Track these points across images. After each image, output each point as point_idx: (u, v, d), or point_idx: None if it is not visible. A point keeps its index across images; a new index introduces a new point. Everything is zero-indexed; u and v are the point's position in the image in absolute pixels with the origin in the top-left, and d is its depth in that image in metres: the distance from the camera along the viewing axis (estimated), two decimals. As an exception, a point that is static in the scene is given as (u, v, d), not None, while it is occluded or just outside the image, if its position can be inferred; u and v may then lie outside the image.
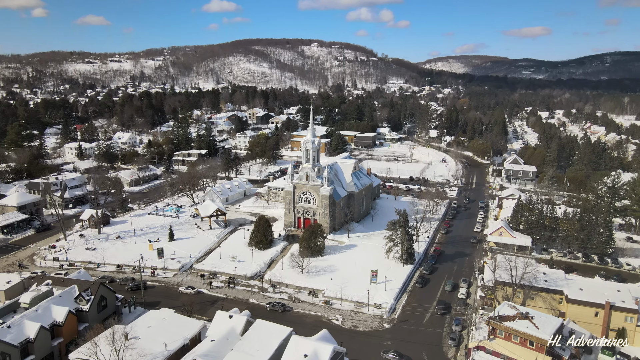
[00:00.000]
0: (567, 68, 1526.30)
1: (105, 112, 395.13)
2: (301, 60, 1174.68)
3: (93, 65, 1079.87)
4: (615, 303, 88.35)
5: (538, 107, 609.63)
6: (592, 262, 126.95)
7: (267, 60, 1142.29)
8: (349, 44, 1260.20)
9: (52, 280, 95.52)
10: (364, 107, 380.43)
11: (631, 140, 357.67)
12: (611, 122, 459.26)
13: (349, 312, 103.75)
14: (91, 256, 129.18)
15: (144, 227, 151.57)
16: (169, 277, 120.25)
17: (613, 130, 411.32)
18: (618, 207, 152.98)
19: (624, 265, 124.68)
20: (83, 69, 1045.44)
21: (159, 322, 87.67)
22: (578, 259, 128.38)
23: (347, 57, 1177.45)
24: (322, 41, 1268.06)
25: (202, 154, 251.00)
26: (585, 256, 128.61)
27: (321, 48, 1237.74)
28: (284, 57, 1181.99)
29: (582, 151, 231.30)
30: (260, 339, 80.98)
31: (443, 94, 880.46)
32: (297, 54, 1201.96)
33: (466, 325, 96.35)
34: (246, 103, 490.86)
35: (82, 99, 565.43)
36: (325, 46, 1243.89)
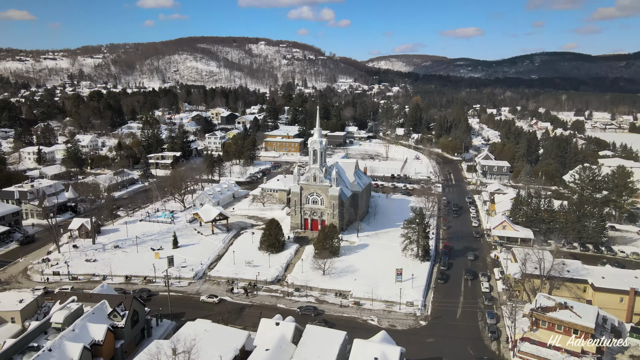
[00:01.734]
0: (501, 67, 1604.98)
1: (56, 113, 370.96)
2: (249, 58, 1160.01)
3: (25, 63, 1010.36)
4: (639, 289, 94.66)
5: (485, 104, 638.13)
6: (588, 251, 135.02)
7: (215, 58, 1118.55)
8: (296, 43, 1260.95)
9: (77, 297, 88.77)
10: (330, 106, 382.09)
11: (577, 135, 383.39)
12: (555, 119, 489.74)
13: (381, 311, 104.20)
14: (93, 268, 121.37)
15: (141, 234, 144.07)
16: (185, 286, 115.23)
17: (558, 126, 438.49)
18: (598, 198, 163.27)
19: (618, 252, 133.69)
20: (14, 67, 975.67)
21: (202, 334, 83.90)
22: (575, 249, 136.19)
23: (295, 55, 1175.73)
24: (269, 40, 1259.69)
25: (176, 156, 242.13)
26: (582, 246, 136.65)
27: (269, 47, 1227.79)
28: (232, 55, 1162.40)
29: (549, 146, 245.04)
30: (319, 345, 79.69)
31: (392, 92, 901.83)
32: (244, 53, 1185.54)
33: (500, 318, 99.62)
34: (204, 103, 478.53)
35: (17, 98, 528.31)
36: (273, 45, 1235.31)
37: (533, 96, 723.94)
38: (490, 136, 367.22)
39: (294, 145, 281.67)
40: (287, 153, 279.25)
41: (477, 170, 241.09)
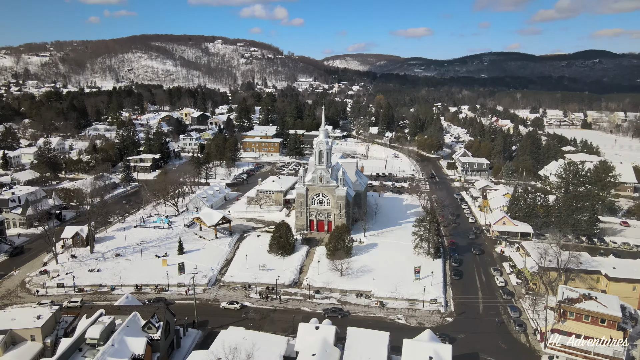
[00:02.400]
0: (452, 66, 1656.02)
1: (11, 115, 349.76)
2: (206, 57, 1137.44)
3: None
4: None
5: (446, 103, 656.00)
6: (582, 243, 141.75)
7: (170, 57, 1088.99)
8: (254, 42, 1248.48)
9: (105, 309, 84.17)
10: (303, 106, 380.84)
11: (538, 132, 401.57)
12: (514, 116, 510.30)
13: (406, 310, 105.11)
14: (99, 278, 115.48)
15: (140, 241, 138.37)
16: (200, 293, 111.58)
17: (519, 123, 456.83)
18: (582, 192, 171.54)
19: (610, 243, 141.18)
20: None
21: (242, 342, 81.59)
22: (570, 242, 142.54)
23: (253, 54, 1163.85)
24: (226, 38, 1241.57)
25: (155, 158, 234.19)
26: (576, 238, 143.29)
27: (226, 45, 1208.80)
28: (188, 54, 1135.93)
29: (523, 143, 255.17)
30: (366, 347, 79.59)
31: (353, 91, 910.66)
32: (201, 51, 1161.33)
33: (522, 311, 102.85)
34: (169, 103, 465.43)
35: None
36: (230, 43, 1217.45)
37: (489, 94, 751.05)
38: (460, 134, 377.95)
39: (273, 145, 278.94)
40: (266, 153, 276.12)
41: (456, 167, 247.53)
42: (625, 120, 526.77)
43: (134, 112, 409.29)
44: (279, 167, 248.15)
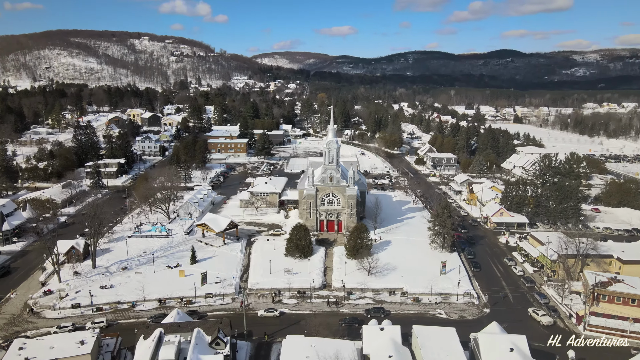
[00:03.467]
0: (380, 64, 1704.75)
1: None
2: (133, 55, 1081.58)
3: None
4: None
5: (387, 100, 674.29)
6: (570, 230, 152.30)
7: (94, 54, 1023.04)
8: (183, 39, 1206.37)
9: (164, 328, 77.95)
10: (260, 105, 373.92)
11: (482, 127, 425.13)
12: (454, 112, 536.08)
13: (441, 304, 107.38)
14: (115, 295, 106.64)
15: (141, 252, 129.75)
16: (230, 303, 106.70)
17: (460, 119, 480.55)
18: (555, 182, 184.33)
19: (594, 229, 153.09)
20: None
21: (311, 350, 79.62)
22: (560, 229, 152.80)
23: (184, 52, 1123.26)
24: (153, 35, 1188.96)
25: (121, 163, 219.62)
26: (563, 225, 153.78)
27: (153, 42, 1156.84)
28: (112, 51, 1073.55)
29: (484, 138, 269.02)
30: (439, 344, 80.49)
31: (290, 89, 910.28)
32: (127, 48, 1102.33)
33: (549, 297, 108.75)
34: (107, 103, 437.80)
35: None
36: (158, 40, 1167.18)
37: (423, 92, 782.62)
38: (413, 130, 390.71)
39: (239, 146, 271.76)
40: (233, 154, 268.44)
41: (425, 163, 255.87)
42: (549, 114, 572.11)
43: (73, 113, 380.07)
44: (253, 168, 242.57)
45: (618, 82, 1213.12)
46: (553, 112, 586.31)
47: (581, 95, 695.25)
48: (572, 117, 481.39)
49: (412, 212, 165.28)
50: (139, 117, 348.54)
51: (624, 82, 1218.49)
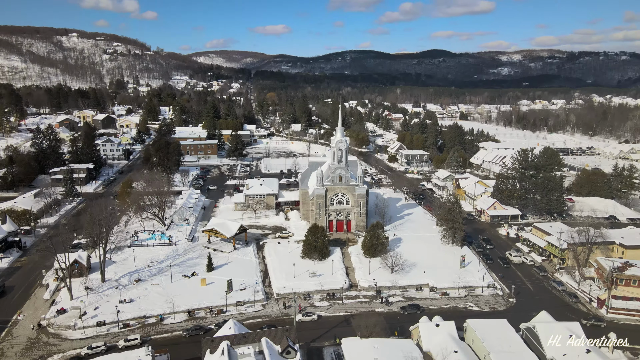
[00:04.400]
0: (318, 63, 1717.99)
1: None
2: (61, 52, 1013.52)
3: None
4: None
5: (336, 99, 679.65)
6: (557, 220, 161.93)
7: (16, 52, 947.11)
8: (116, 36, 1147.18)
9: (230, 340, 73.95)
10: (220, 105, 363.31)
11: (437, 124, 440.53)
12: (404, 110, 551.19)
13: (469, 297, 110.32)
14: (139, 309, 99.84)
15: (149, 262, 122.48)
16: (262, 310, 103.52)
17: (412, 117, 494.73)
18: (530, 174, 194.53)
19: (577, 217, 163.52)
20: None
21: (375, 352, 79.16)
22: (547, 219, 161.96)
23: (118, 50, 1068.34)
24: (82, 31, 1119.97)
25: (90, 168, 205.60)
26: (550, 215, 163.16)
27: (83, 39, 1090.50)
28: (38, 48, 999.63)
29: (452, 135, 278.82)
30: (500, 336, 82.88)
31: (234, 89, 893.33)
32: (53, 45, 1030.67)
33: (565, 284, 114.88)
34: (47, 105, 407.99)
35: None
36: (88, 37, 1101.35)
37: (369, 90, 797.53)
38: (374, 128, 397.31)
39: (210, 147, 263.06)
40: (204, 156, 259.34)
41: (397, 160, 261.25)
42: (489, 112, 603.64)
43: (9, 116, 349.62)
44: (229, 170, 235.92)
45: (539, 81, 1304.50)
46: (493, 109, 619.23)
47: (515, 93, 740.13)
48: (514, 114, 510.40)
49: (408, 209, 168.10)
50: (91, 119, 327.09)
51: (545, 80, 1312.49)
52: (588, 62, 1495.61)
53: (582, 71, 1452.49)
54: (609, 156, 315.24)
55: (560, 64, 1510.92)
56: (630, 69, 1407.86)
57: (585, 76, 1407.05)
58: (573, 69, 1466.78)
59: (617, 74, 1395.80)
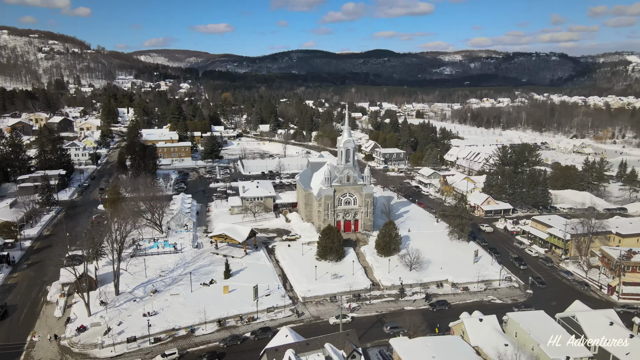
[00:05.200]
0: (264, 63, 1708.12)
1: None
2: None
3: None
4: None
5: (293, 98, 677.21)
6: (544, 212, 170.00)
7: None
8: (52, 34, 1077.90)
9: (294, 349, 71.68)
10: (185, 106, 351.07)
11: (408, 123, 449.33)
12: (363, 109, 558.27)
13: (488, 290, 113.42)
14: (166, 322, 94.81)
15: (160, 272, 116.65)
16: (292, 315, 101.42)
17: (372, 116, 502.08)
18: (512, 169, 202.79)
19: (560, 209, 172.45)
20: None
21: (430, 350, 79.75)
22: (534, 211, 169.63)
23: (54, 48, 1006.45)
24: (14, 28, 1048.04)
25: (61, 174, 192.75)
26: (536, 207, 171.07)
27: (15, 37, 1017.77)
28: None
29: (424, 134, 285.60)
30: (543, 327, 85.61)
31: (184, 89, 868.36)
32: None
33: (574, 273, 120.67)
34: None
35: None
36: (20, 34, 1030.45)
37: (323, 90, 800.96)
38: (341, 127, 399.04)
39: (184, 150, 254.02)
40: (177, 159, 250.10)
41: (374, 159, 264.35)
42: (442, 110, 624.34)
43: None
44: (208, 173, 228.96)
45: (479, 80, 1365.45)
46: (445, 107, 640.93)
47: (464, 92, 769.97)
48: (468, 112, 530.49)
49: (403, 207, 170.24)
50: (44, 122, 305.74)
51: (484, 79, 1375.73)
52: (522, 62, 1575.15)
53: (517, 71, 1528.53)
54: (564, 151, 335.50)
55: (497, 64, 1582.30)
56: (560, 68, 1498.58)
57: (521, 75, 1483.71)
58: (509, 69, 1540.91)
59: (548, 74, 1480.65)
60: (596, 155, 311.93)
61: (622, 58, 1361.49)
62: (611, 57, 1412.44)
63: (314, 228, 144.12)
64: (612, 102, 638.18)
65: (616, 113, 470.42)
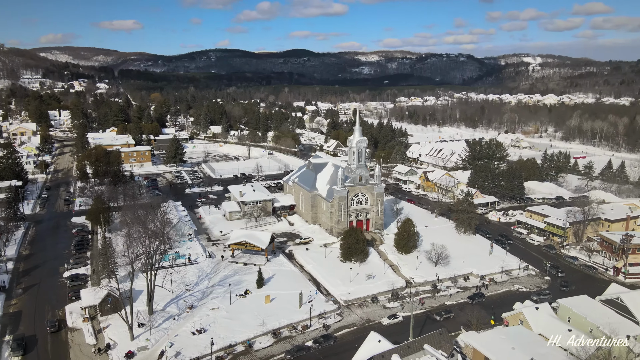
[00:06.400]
0: (181, 62, 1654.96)
1: None
2: None
3: None
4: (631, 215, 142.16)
5: (225, 99, 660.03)
6: (521, 203, 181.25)
7: None
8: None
9: (398, 353, 70.18)
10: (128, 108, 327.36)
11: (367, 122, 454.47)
12: (302, 108, 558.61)
13: (512, 280, 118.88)
14: (220, 339, 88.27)
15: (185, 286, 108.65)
16: (341, 319, 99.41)
17: (315, 115, 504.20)
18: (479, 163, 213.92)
19: (536, 200, 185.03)
20: None
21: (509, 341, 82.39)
22: (513, 203, 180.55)
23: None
24: None
25: (17, 186, 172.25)
26: (514, 199, 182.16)
27: None
28: None
29: (384, 132, 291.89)
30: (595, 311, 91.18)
31: (102, 90, 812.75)
32: None
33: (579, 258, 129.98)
34: None
35: None
36: None
37: (253, 90, 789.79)
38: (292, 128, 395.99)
39: (143, 154, 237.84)
40: (137, 164, 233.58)
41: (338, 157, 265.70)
42: (376, 108, 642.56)
43: None
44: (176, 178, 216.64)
45: (397, 79, 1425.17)
46: (378, 106, 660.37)
47: (392, 91, 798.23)
48: (405, 110, 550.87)
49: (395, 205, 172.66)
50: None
51: (402, 79, 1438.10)
52: (435, 62, 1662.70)
53: (431, 70, 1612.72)
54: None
55: (412, 64, 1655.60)
56: (468, 68, 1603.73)
57: (434, 75, 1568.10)
58: (423, 69, 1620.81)
59: (458, 73, 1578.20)
60: (531, 148, 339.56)
61: (519, 60, 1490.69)
62: (510, 58, 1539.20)
63: (324, 230, 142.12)
64: (524, 99, 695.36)
65: (536, 109, 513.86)
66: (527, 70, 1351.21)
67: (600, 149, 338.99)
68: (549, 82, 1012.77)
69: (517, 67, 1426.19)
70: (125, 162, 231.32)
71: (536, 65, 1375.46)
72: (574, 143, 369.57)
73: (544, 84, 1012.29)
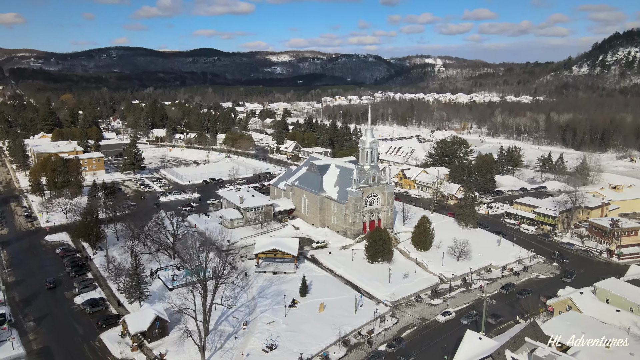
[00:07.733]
0: (78, 60, 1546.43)
1: None
2: None
3: None
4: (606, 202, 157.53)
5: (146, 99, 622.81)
6: (495, 196, 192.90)
7: None
8: None
9: (509, 348, 71.48)
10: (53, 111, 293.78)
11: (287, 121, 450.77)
12: (232, 110, 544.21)
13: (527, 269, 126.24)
14: (292, 353, 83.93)
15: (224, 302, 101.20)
16: (401, 321, 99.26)
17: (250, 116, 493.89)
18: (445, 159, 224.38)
19: (506, 192, 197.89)
20: None
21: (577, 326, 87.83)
22: (488, 196, 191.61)
23: None
24: None
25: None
26: (486, 192, 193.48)
27: None
28: None
29: (339, 132, 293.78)
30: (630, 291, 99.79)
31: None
32: None
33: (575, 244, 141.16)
34: None
35: None
36: None
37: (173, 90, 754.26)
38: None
39: (96, 162, 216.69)
40: (89, 173, 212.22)
41: (300, 159, 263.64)
42: (304, 109, 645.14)
43: None
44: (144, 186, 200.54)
45: (310, 79, 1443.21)
46: (306, 105, 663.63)
47: (317, 91, 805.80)
48: (337, 110, 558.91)
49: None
50: None
51: (315, 78, 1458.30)
52: (345, 62, 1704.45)
53: (342, 71, 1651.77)
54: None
55: (323, 64, 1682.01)
56: (377, 69, 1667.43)
57: (345, 75, 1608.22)
58: (334, 69, 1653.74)
59: (368, 73, 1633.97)
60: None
61: (422, 61, 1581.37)
62: (414, 59, 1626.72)
63: (335, 232, 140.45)
64: (439, 98, 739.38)
65: (457, 108, 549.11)
66: (433, 71, 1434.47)
67: (524, 143, 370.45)
68: (456, 82, 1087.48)
69: (424, 67, 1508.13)
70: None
71: (441, 67, 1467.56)
72: (501, 138, 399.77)
73: (452, 83, 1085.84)
